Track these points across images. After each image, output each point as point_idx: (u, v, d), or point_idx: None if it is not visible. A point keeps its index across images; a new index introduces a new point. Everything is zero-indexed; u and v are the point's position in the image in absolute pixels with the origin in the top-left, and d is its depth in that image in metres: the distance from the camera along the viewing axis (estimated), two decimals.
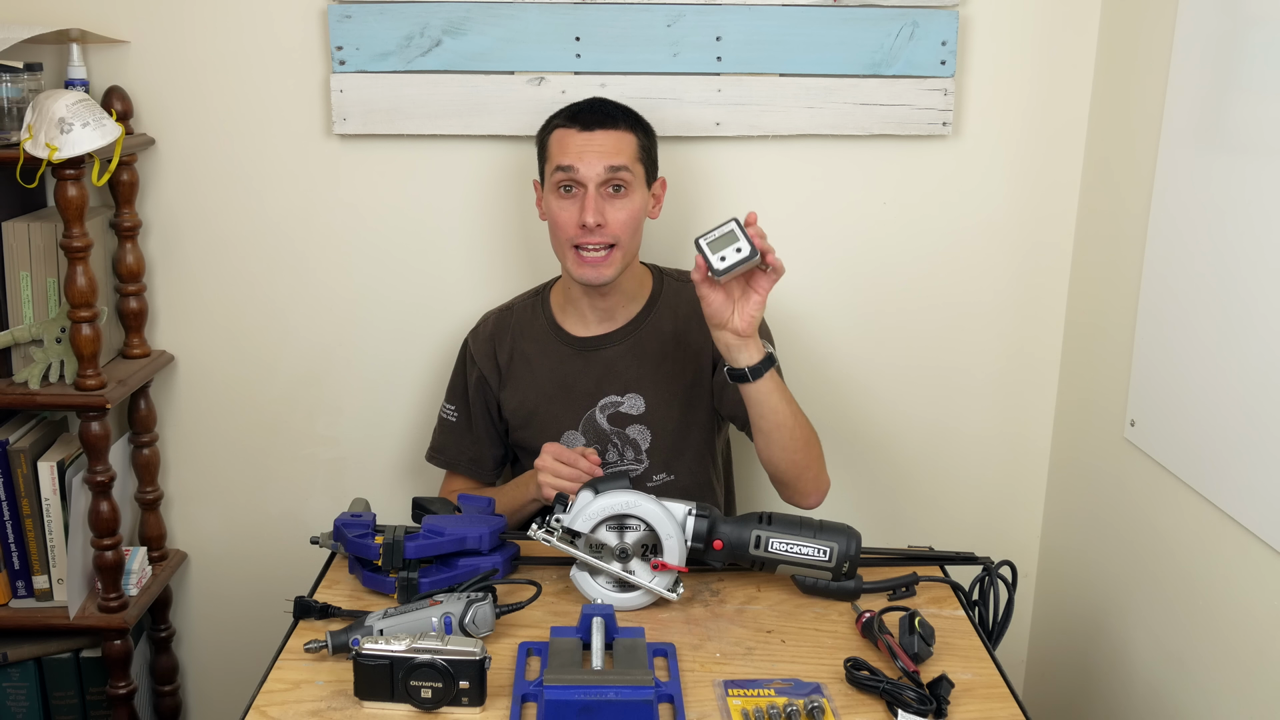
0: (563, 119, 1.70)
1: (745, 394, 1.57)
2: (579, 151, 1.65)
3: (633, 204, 1.68)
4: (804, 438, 1.63)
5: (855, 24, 1.87)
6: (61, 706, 1.95)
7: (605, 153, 1.65)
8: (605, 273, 1.68)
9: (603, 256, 1.67)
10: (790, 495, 1.70)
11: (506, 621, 1.42)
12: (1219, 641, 1.54)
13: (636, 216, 1.68)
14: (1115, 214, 1.85)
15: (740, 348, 1.53)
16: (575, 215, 1.65)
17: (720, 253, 1.46)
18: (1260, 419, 1.43)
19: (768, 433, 1.60)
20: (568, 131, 1.68)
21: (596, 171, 1.65)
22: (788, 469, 1.65)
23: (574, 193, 1.67)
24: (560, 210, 1.68)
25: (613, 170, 1.65)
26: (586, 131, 1.66)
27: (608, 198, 1.66)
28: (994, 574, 1.51)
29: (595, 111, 1.69)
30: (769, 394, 1.56)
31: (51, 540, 1.84)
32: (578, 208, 1.65)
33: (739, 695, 1.28)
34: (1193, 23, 1.60)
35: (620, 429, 1.78)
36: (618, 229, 1.66)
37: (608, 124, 1.67)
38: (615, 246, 1.67)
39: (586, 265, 1.67)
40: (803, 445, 1.63)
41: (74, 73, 1.82)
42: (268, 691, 1.29)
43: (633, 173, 1.67)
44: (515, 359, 1.81)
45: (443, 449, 1.87)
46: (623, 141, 1.67)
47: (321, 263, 1.99)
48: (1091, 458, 1.93)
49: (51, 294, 1.81)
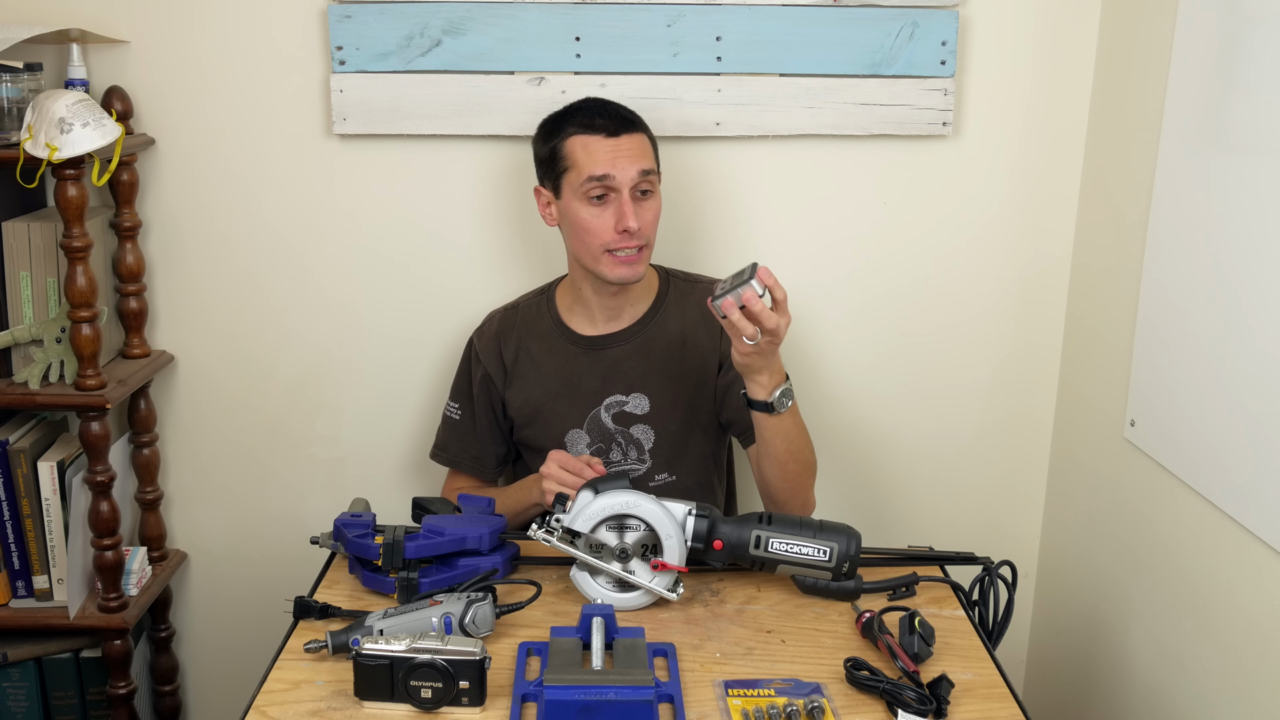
0: (578, 127, 1.68)
1: (760, 423, 1.60)
2: (612, 159, 1.65)
3: (657, 204, 1.71)
4: (804, 465, 1.67)
5: (855, 24, 1.87)
6: (61, 706, 1.95)
7: (635, 157, 1.67)
8: (639, 270, 1.70)
9: (636, 256, 1.69)
10: (776, 509, 1.72)
11: (506, 621, 1.42)
12: (1219, 641, 1.54)
13: (659, 216, 1.72)
14: (1115, 213, 1.85)
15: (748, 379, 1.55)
16: (610, 221, 1.66)
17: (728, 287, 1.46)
18: (1260, 419, 1.43)
19: (773, 457, 1.64)
20: (592, 139, 1.66)
21: (630, 176, 1.65)
22: (780, 489, 1.68)
23: (607, 199, 1.67)
24: (593, 218, 1.67)
25: (644, 174, 1.67)
26: (614, 138, 1.67)
27: (637, 200, 1.68)
28: (994, 574, 1.51)
29: (614, 117, 1.69)
30: (776, 429, 1.60)
31: (51, 540, 1.84)
32: (613, 214, 1.66)
33: (739, 695, 1.28)
34: (1193, 23, 1.60)
35: (624, 428, 1.78)
36: (648, 230, 1.69)
37: (629, 128, 1.68)
38: (645, 246, 1.70)
39: (623, 265, 1.69)
40: (800, 472, 1.67)
41: (74, 73, 1.82)
42: (268, 691, 1.29)
43: (658, 173, 1.71)
44: (521, 357, 1.82)
45: (446, 446, 1.88)
46: (645, 144, 1.70)
47: (321, 262, 1.99)
48: (1091, 458, 1.93)
49: (51, 294, 1.81)
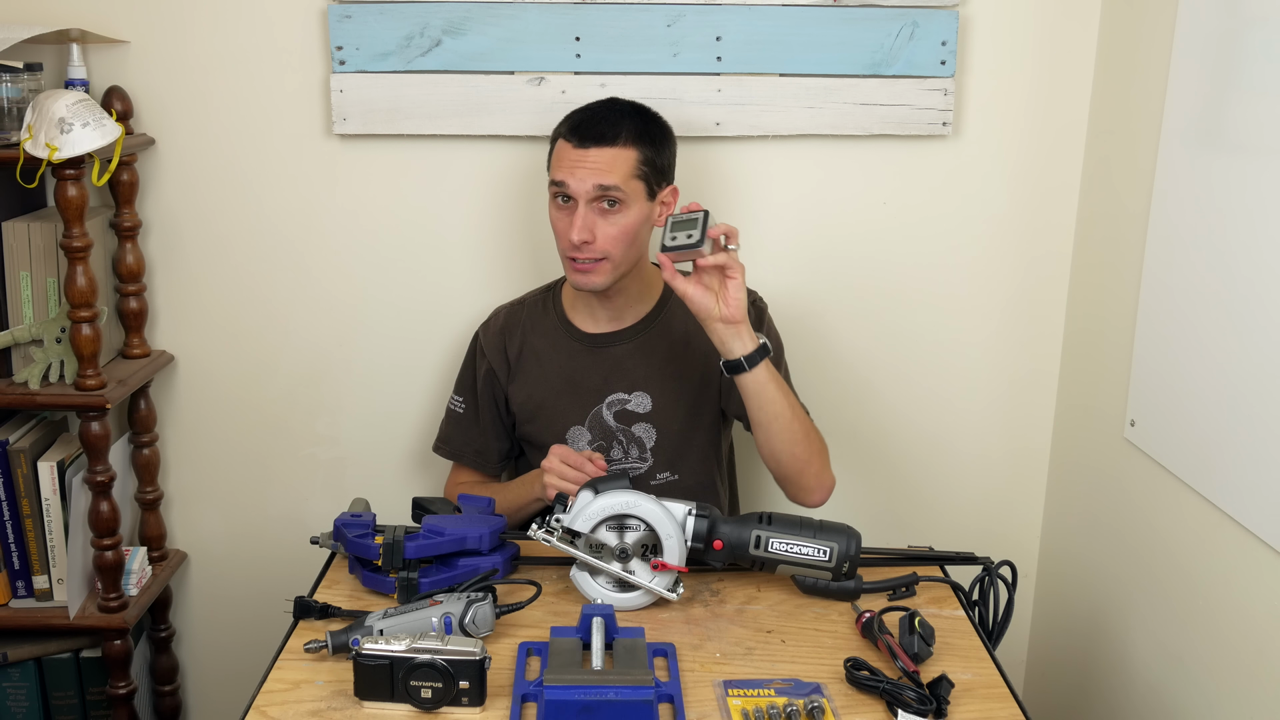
0: (565, 129, 1.68)
1: (742, 385, 1.59)
2: (570, 168, 1.65)
3: (626, 219, 1.66)
4: (803, 430, 1.65)
5: (855, 24, 1.87)
6: (61, 706, 1.95)
7: (597, 171, 1.64)
8: (595, 280, 1.68)
9: (592, 267, 1.67)
10: (794, 492, 1.71)
11: (506, 621, 1.42)
12: (1219, 641, 1.54)
13: (630, 231, 1.67)
14: (1115, 213, 1.85)
15: (733, 336, 1.55)
16: (566, 228, 1.66)
17: (674, 233, 1.51)
18: (1260, 419, 1.43)
19: (766, 425, 1.62)
20: (565, 145, 1.67)
21: (586, 189, 1.64)
22: (789, 462, 1.66)
23: (568, 204, 1.67)
24: (556, 220, 1.68)
25: (603, 189, 1.64)
26: (581, 149, 1.64)
27: (601, 212, 1.65)
28: (994, 574, 1.51)
29: (597, 124, 1.66)
30: (765, 384, 1.58)
31: (51, 540, 1.84)
32: (568, 222, 1.66)
33: (739, 695, 1.28)
34: (1193, 23, 1.60)
35: (626, 426, 1.78)
36: (607, 244, 1.66)
37: (605, 141, 1.64)
38: (605, 259, 1.67)
39: (578, 272, 1.68)
40: (802, 438, 1.64)
41: (74, 73, 1.82)
42: (268, 691, 1.29)
43: (626, 190, 1.65)
44: (525, 353, 1.82)
45: (449, 440, 1.88)
46: (618, 159, 1.64)
47: (321, 262, 1.99)
48: (1091, 458, 1.93)
49: (51, 294, 1.81)
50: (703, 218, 1.50)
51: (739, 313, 1.54)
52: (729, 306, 1.53)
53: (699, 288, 1.54)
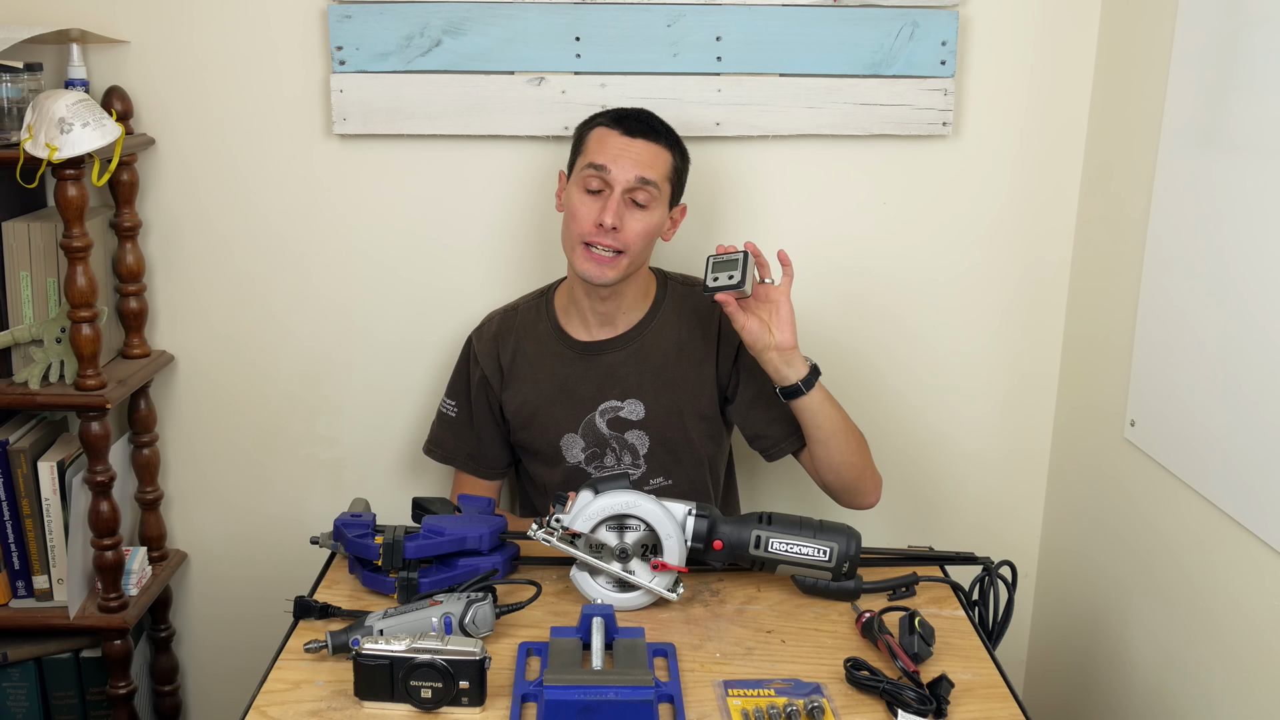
0: (608, 119, 1.70)
1: (799, 409, 1.66)
2: (616, 154, 1.66)
3: (650, 219, 1.69)
4: (857, 438, 1.71)
5: (855, 24, 1.87)
6: (61, 706, 1.95)
7: (640, 162, 1.66)
8: (608, 274, 1.68)
9: (609, 258, 1.67)
10: (853, 499, 1.76)
11: (506, 621, 1.42)
12: (1219, 641, 1.54)
13: (651, 232, 1.69)
14: (1115, 214, 1.85)
15: (786, 363, 1.62)
16: (594, 213, 1.66)
17: (716, 274, 1.59)
18: (1260, 419, 1.43)
19: (825, 441, 1.67)
20: (610, 132, 1.68)
21: (627, 177, 1.65)
22: (848, 472, 1.71)
23: (600, 194, 1.67)
24: (581, 204, 1.68)
25: (643, 181, 1.66)
26: (628, 136, 1.67)
27: (629, 207, 1.67)
28: (994, 574, 1.51)
29: (641, 121, 1.70)
30: (822, 403, 1.65)
31: (51, 540, 1.84)
32: (599, 207, 1.66)
33: (739, 695, 1.28)
34: (1193, 23, 1.60)
35: (619, 433, 1.78)
36: (630, 238, 1.67)
37: (650, 135, 1.69)
38: (623, 253, 1.68)
39: (591, 262, 1.68)
40: (857, 446, 1.71)
41: (74, 73, 1.82)
42: (268, 691, 1.29)
43: (659, 190, 1.68)
44: (518, 360, 1.81)
45: (440, 443, 1.87)
46: (659, 156, 1.69)
47: (321, 262, 1.99)
48: (1092, 458, 1.93)
49: (51, 294, 1.81)
50: (742, 259, 1.59)
51: (791, 337, 1.61)
52: (781, 333, 1.60)
53: (755, 320, 1.61)
